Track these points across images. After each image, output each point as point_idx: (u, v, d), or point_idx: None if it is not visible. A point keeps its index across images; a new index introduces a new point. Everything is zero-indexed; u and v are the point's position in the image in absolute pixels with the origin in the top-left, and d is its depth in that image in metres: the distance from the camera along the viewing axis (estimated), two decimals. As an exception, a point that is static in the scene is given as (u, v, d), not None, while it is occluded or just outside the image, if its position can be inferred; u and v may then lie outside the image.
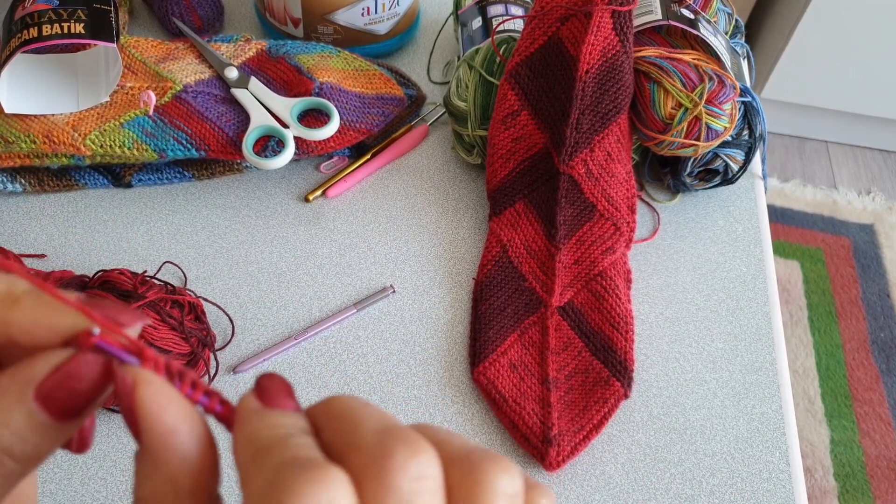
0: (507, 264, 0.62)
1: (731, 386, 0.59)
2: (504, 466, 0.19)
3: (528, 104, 0.63)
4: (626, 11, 0.59)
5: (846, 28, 1.67)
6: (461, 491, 0.18)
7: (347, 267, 0.64)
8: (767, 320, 0.63)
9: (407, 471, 0.17)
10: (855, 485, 1.41)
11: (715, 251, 0.67)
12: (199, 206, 0.66)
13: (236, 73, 0.66)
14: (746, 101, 0.65)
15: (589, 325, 0.59)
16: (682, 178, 0.68)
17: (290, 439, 0.19)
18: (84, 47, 0.68)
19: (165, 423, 0.19)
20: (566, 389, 0.57)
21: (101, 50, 0.68)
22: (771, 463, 0.55)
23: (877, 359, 1.58)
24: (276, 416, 0.20)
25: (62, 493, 0.51)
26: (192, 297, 0.55)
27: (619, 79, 0.61)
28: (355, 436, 0.19)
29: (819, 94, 1.84)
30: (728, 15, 0.71)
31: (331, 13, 0.73)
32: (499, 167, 0.65)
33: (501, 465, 0.19)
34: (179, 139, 0.63)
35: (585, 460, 0.55)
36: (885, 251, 1.77)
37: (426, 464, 0.18)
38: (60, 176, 0.66)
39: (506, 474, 0.18)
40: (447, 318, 0.61)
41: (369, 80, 0.69)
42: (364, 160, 0.69)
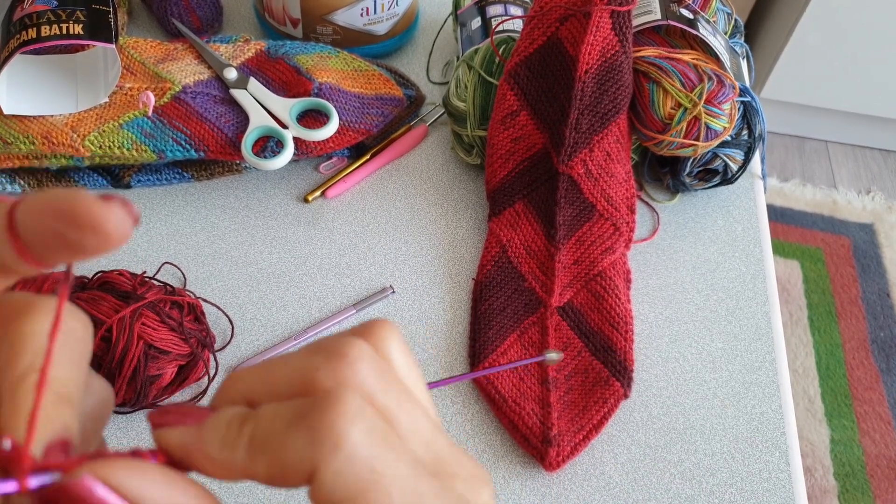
0: (507, 264, 0.62)
1: (731, 386, 0.59)
2: (388, 324, 0.22)
3: (527, 104, 0.63)
4: (625, 11, 0.59)
5: (846, 28, 1.67)
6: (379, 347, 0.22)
7: (347, 267, 0.64)
8: (767, 320, 0.63)
9: (363, 355, 0.20)
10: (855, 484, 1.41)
11: (715, 251, 0.67)
12: (199, 207, 0.66)
13: (235, 73, 0.66)
14: (746, 101, 0.65)
15: (588, 326, 0.59)
16: (681, 178, 0.68)
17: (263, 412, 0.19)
18: (83, 48, 0.68)
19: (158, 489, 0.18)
20: (566, 389, 0.57)
21: (100, 51, 0.68)
22: (771, 463, 0.55)
23: (877, 358, 1.58)
24: (219, 415, 0.19)
25: (62, 495, 0.51)
26: (192, 298, 0.54)
27: (619, 79, 0.61)
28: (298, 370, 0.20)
29: (819, 94, 1.84)
30: (727, 15, 0.71)
31: (330, 14, 0.73)
32: (498, 167, 0.65)
33: (384, 323, 0.22)
34: (178, 140, 0.63)
35: (585, 460, 0.55)
36: (884, 251, 1.76)
37: (362, 344, 0.20)
38: (59, 177, 0.66)
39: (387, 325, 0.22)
40: (447, 318, 0.61)
41: (368, 81, 0.69)
42: (363, 160, 0.69)
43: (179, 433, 0.19)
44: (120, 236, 0.17)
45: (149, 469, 0.18)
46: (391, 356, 0.21)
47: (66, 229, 0.17)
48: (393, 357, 0.21)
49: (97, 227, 0.17)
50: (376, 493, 0.18)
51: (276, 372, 0.20)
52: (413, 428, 0.20)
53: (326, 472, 0.18)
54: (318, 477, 0.18)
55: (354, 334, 0.21)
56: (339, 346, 0.20)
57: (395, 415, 0.20)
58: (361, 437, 0.18)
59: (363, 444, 0.18)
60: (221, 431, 0.19)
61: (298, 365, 0.20)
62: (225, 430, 0.19)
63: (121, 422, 0.54)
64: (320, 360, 0.20)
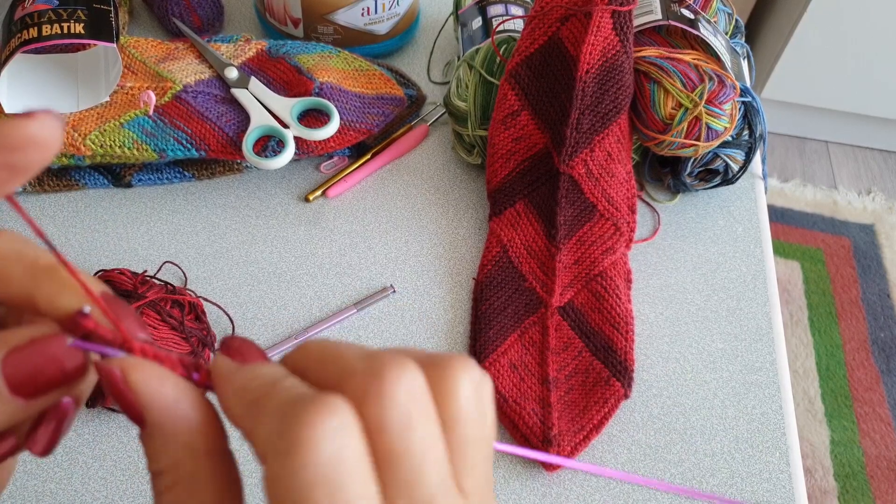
0: (508, 264, 0.62)
1: (731, 386, 0.59)
2: (465, 363, 0.21)
3: (528, 104, 0.63)
4: (626, 11, 0.59)
5: (846, 28, 1.67)
6: (437, 389, 0.20)
7: (347, 267, 0.64)
8: (767, 320, 0.63)
9: (400, 384, 0.19)
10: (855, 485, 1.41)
11: (715, 251, 0.67)
12: (199, 206, 0.66)
13: (236, 73, 0.66)
14: (746, 101, 0.65)
15: (589, 325, 0.59)
16: (682, 178, 0.68)
17: (280, 383, 0.19)
18: (84, 47, 0.68)
19: (166, 396, 0.20)
20: (566, 389, 0.57)
21: (101, 50, 0.68)
22: (771, 463, 0.55)
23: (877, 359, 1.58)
24: (257, 367, 0.20)
25: (62, 493, 0.51)
26: (193, 297, 0.55)
27: (620, 79, 0.61)
28: (344, 366, 0.20)
29: (819, 94, 1.84)
30: (728, 15, 0.71)
31: (331, 13, 0.73)
32: (499, 167, 0.65)
33: (463, 361, 0.21)
34: (179, 139, 0.63)
35: (585, 460, 0.55)
36: (885, 251, 1.76)
37: (414, 374, 0.19)
38: (60, 176, 0.66)
39: (467, 369, 0.21)
40: (447, 318, 0.61)
41: (369, 80, 0.69)
42: (364, 160, 0.69)
43: (226, 363, 0.21)
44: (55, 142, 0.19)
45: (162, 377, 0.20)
46: (451, 400, 0.20)
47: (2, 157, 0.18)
48: (453, 402, 0.20)
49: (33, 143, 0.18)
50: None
51: (329, 358, 0.20)
52: (411, 480, 0.19)
53: (270, 469, 0.18)
54: (265, 468, 0.18)
55: (421, 361, 0.20)
56: (388, 362, 0.19)
57: (398, 457, 0.19)
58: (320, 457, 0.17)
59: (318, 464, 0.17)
60: (247, 379, 0.20)
61: (347, 361, 0.20)
62: (249, 379, 0.20)
63: (122, 420, 0.54)
64: (362, 366, 0.19)
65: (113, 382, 0.19)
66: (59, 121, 0.19)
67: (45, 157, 0.19)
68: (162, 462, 0.20)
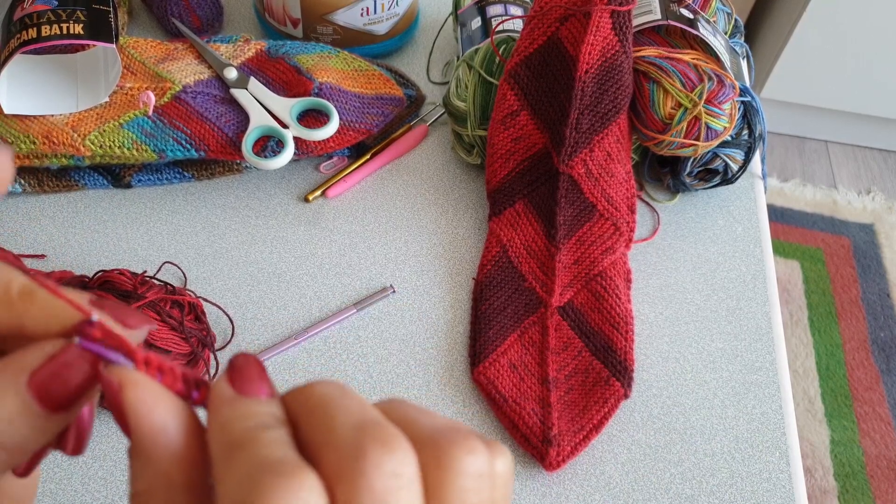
0: (507, 264, 0.62)
1: (731, 386, 0.59)
2: (469, 447, 0.19)
3: (527, 104, 0.63)
4: (625, 11, 0.59)
5: (846, 28, 1.67)
6: (432, 477, 0.18)
7: (347, 267, 0.64)
8: (767, 320, 0.63)
9: (381, 469, 0.17)
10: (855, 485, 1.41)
11: (715, 251, 0.67)
12: (199, 207, 0.66)
13: (235, 73, 0.66)
14: (746, 101, 0.65)
15: (589, 325, 0.59)
16: (681, 178, 0.68)
17: (262, 434, 0.19)
18: (83, 48, 0.68)
19: (154, 422, 0.19)
20: (566, 389, 0.57)
21: (101, 50, 0.68)
22: (771, 463, 0.55)
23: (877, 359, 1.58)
24: (248, 404, 0.20)
25: (62, 493, 0.51)
26: (192, 298, 0.55)
27: (619, 79, 0.61)
28: (330, 432, 0.19)
29: (819, 94, 1.84)
30: (727, 15, 0.71)
31: (330, 13, 0.73)
32: (498, 167, 0.65)
33: (466, 446, 0.19)
34: (179, 139, 0.63)
35: (585, 460, 0.55)
36: (885, 251, 1.76)
37: (400, 461, 0.18)
38: (60, 176, 0.66)
39: (470, 455, 0.19)
40: (447, 318, 0.61)
41: (369, 81, 0.69)
42: (364, 160, 0.69)
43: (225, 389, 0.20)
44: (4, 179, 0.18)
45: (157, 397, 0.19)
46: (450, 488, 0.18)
47: None
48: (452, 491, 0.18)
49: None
50: None
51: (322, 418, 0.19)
52: None
53: None
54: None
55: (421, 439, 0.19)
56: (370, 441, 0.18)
57: None
58: None
59: None
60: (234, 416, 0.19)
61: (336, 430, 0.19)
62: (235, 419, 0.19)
63: (121, 421, 0.54)
64: (347, 437, 0.18)
65: (111, 393, 0.19)
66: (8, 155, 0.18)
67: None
68: (138, 484, 0.19)
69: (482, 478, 0.19)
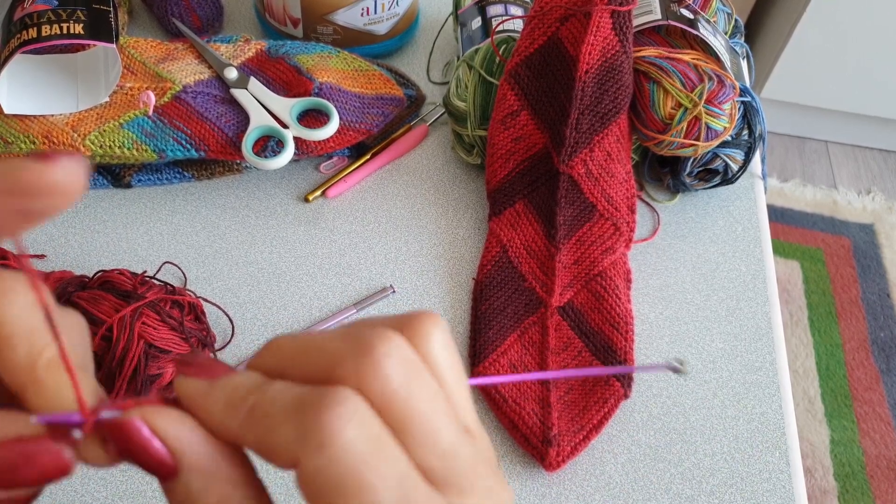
0: (507, 264, 0.62)
1: (731, 386, 0.59)
2: (430, 316, 0.21)
3: (527, 104, 0.63)
4: (625, 11, 0.59)
5: (846, 28, 1.67)
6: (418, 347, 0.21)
7: (347, 267, 0.64)
8: (767, 320, 0.63)
9: (392, 356, 0.19)
10: (855, 485, 1.41)
11: (715, 251, 0.67)
12: (199, 207, 0.66)
13: (236, 73, 0.66)
14: (746, 101, 0.65)
15: (589, 325, 0.59)
16: (681, 178, 0.68)
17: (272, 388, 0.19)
18: (83, 48, 0.68)
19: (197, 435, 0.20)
20: (566, 389, 0.57)
21: (101, 50, 0.68)
22: (771, 463, 0.55)
23: (877, 359, 1.58)
24: (235, 378, 0.20)
25: (62, 493, 0.51)
26: (192, 298, 0.55)
27: (619, 79, 0.61)
28: (328, 355, 0.20)
29: (819, 94, 1.84)
30: (727, 15, 0.71)
31: (330, 13, 0.73)
32: (498, 167, 0.65)
33: (427, 315, 0.21)
34: (179, 139, 0.63)
35: (585, 460, 0.55)
36: (885, 251, 1.76)
37: (398, 343, 0.20)
38: (60, 176, 0.66)
39: (431, 318, 0.21)
40: (447, 318, 0.61)
41: (369, 81, 0.69)
42: (364, 160, 0.69)
43: (194, 384, 0.20)
44: (75, 192, 0.18)
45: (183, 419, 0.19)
46: (432, 353, 0.21)
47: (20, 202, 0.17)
48: (434, 354, 0.21)
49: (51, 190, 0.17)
50: (358, 496, 0.18)
51: (308, 351, 0.20)
52: (430, 436, 0.19)
53: (308, 467, 0.18)
54: (300, 469, 0.18)
55: (394, 326, 0.21)
56: (372, 338, 0.20)
57: (411, 420, 0.19)
58: (350, 441, 0.18)
59: (351, 448, 0.18)
60: (228, 394, 0.20)
61: (330, 349, 0.20)
62: (231, 394, 0.20)
63: (121, 421, 0.54)
64: (348, 349, 0.19)
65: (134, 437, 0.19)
66: (83, 165, 0.18)
67: (64, 205, 0.18)
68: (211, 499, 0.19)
69: (445, 334, 0.21)
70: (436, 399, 0.20)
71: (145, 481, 0.52)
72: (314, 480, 0.18)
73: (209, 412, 0.20)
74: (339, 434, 0.18)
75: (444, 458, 0.20)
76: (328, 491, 0.18)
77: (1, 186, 0.17)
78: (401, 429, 0.19)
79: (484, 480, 0.20)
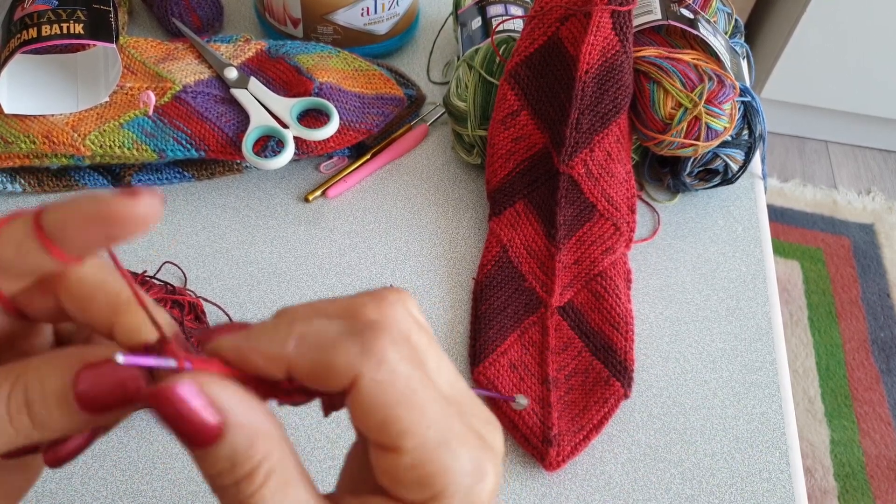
0: (507, 264, 0.62)
1: (731, 386, 0.59)
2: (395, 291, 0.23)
3: (527, 104, 0.63)
4: (625, 11, 0.59)
5: (846, 28, 1.67)
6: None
7: (347, 267, 0.64)
8: (767, 320, 0.63)
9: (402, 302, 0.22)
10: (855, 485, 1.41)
11: (715, 251, 0.67)
12: (199, 206, 0.66)
13: (236, 73, 0.66)
14: (746, 101, 0.65)
15: (589, 325, 0.59)
16: (681, 178, 0.68)
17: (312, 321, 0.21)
18: (83, 48, 0.68)
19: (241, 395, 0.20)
20: (566, 389, 0.57)
21: (101, 50, 0.68)
22: (771, 463, 0.55)
23: (877, 359, 1.58)
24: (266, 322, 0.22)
25: (62, 493, 0.51)
26: (192, 297, 0.55)
27: (619, 79, 0.61)
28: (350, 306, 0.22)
29: (819, 94, 1.84)
30: (727, 15, 0.71)
31: (330, 13, 0.73)
32: (498, 167, 0.65)
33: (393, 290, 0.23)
34: (179, 139, 0.63)
35: (585, 460, 0.55)
36: (885, 251, 1.77)
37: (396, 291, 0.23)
38: (60, 176, 0.66)
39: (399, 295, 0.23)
40: (447, 318, 0.61)
41: (369, 81, 0.69)
42: (364, 160, 0.69)
43: (231, 338, 0.21)
44: (153, 222, 0.20)
45: (231, 387, 0.21)
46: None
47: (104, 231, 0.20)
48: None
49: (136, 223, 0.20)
50: (411, 407, 0.20)
51: (324, 307, 0.22)
52: (439, 367, 0.22)
53: (369, 381, 0.20)
54: (360, 383, 0.20)
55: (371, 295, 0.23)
56: (379, 291, 0.22)
57: (425, 353, 0.22)
58: (402, 359, 0.20)
59: (403, 364, 0.20)
60: (269, 331, 0.21)
61: (345, 303, 0.22)
62: (273, 329, 0.21)
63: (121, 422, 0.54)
64: (366, 299, 0.22)
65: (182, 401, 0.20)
66: (161, 200, 0.20)
67: (140, 233, 0.20)
68: (252, 461, 0.20)
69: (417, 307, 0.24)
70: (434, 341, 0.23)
71: (145, 481, 0.52)
72: (374, 392, 0.20)
73: (257, 349, 0.21)
74: (394, 352, 0.20)
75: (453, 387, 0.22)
76: (387, 401, 0.20)
77: (91, 216, 0.20)
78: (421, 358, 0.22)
79: (481, 409, 0.23)
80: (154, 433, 0.54)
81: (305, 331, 0.21)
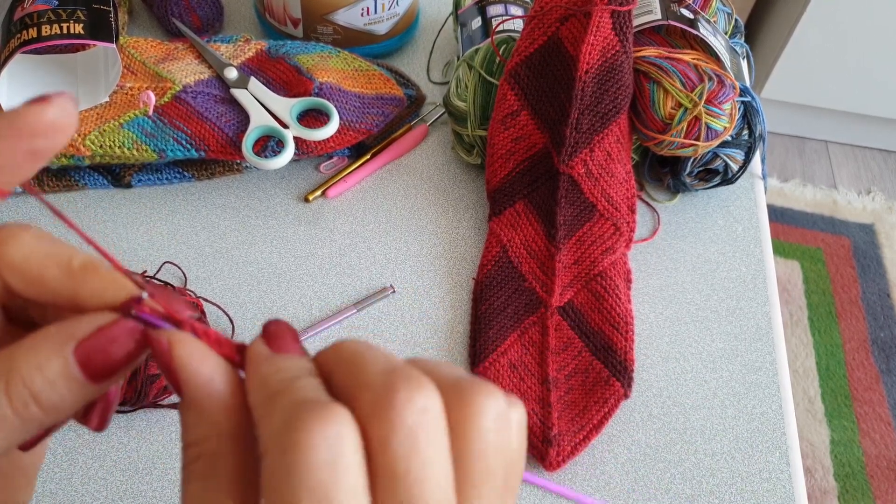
0: (507, 264, 0.62)
1: (731, 386, 0.59)
2: (489, 391, 0.20)
3: (527, 104, 0.63)
4: (625, 11, 0.59)
5: (846, 28, 1.67)
6: (455, 416, 0.20)
7: (347, 267, 0.64)
8: (767, 320, 0.63)
9: (412, 404, 0.19)
10: (855, 485, 1.41)
11: (715, 251, 0.67)
12: (199, 207, 0.66)
13: (236, 73, 0.66)
14: (746, 101, 0.65)
15: (589, 325, 0.59)
16: (681, 178, 0.68)
17: (297, 382, 0.20)
18: (83, 48, 0.68)
19: (203, 374, 0.21)
20: (566, 389, 0.57)
21: (101, 50, 0.68)
22: (771, 463, 0.55)
23: (877, 359, 1.58)
24: (284, 360, 0.21)
25: (62, 493, 0.51)
26: (192, 298, 0.55)
27: (619, 79, 0.61)
28: (362, 376, 0.20)
29: (819, 94, 1.84)
30: (727, 15, 0.71)
31: (330, 13, 0.73)
32: (498, 167, 0.65)
33: (486, 390, 0.20)
34: (179, 139, 0.63)
35: (585, 460, 0.55)
36: (885, 251, 1.77)
37: (427, 396, 0.19)
38: (60, 176, 0.66)
39: (490, 397, 0.20)
40: (447, 318, 0.61)
41: (369, 81, 0.69)
42: (364, 160, 0.69)
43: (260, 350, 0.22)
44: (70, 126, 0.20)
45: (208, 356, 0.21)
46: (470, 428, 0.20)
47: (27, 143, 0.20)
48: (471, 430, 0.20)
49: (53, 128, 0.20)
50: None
51: (354, 366, 0.21)
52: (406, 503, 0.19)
53: (266, 464, 0.19)
54: (263, 461, 0.19)
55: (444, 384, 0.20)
56: (401, 382, 0.19)
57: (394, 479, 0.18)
58: (313, 461, 0.18)
59: (310, 468, 0.18)
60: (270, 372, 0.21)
61: (368, 374, 0.20)
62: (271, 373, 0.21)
63: (122, 421, 0.54)
64: (379, 381, 0.19)
65: (160, 353, 0.21)
66: (75, 103, 0.20)
67: (64, 141, 0.20)
68: (190, 436, 0.21)
69: (500, 419, 0.20)
70: (436, 471, 0.19)
71: (145, 481, 0.52)
72: (267, 480, 0.19)
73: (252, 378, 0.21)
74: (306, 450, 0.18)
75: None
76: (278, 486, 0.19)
77: (9, 132, 0.20)
78: (383, 480, 0.19)
79: None
80: (154, 433, 0.54)
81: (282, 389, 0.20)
